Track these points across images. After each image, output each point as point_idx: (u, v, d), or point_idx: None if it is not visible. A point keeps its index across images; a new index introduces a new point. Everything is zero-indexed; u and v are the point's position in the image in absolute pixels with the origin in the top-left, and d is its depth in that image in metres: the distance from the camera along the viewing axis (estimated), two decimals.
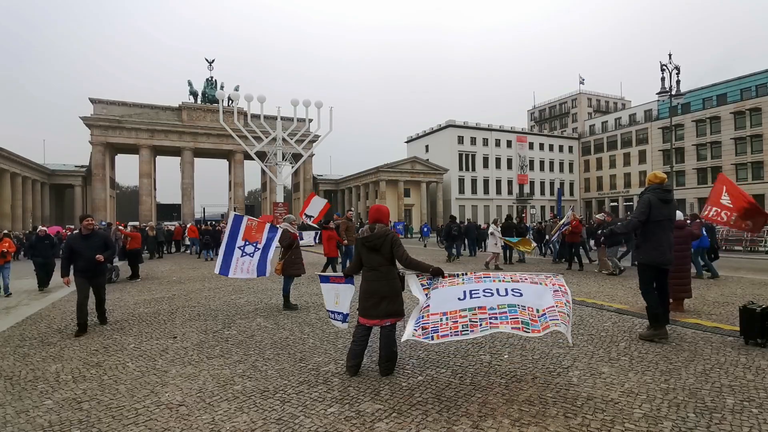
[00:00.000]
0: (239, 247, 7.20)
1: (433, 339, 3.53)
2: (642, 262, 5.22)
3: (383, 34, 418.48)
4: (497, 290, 3.68)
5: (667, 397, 3.35)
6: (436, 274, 4.04)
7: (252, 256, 7.21)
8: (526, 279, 3.78)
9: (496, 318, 3.47)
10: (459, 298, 3.69)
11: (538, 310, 3.46)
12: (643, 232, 5.14)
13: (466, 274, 4.06)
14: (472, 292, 3.72)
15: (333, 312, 4.71)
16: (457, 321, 3.53)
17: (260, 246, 7.29)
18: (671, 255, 5.11)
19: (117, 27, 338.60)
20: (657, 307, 5.02)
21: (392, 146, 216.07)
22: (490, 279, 3.87)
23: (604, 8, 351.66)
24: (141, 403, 3.49)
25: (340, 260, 12.32)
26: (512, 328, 3.40)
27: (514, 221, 16.23)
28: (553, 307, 3.48)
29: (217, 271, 7.25)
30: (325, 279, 4.81)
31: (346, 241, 11.96)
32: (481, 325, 3.45)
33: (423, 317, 3.71)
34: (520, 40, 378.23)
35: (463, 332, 3.45)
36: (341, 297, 4.60)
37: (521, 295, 3.59)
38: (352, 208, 13.90)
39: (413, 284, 4.12)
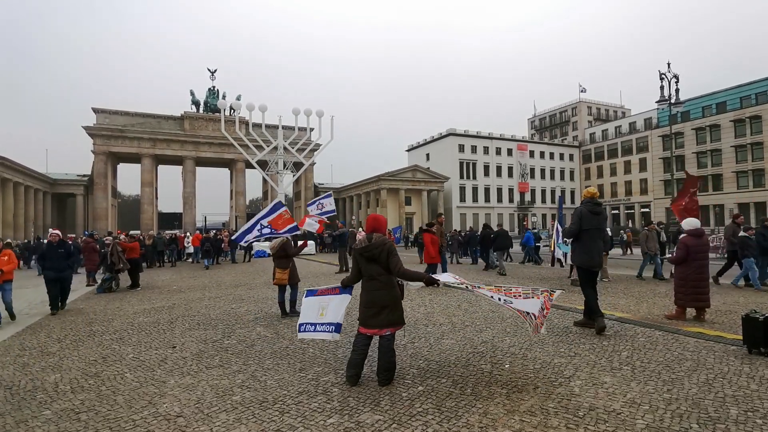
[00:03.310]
0: (261, 226, 8.00)
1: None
2: (576, 264, 6.20)
3: (382, 33, 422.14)
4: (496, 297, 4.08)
5: (670, 407, 3.31)
6: (429, 283, 4.15)
7: (261, 239, 8.05)
8: (519, 296, 3.99)
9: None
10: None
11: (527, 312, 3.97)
12: (576, 240, 6.06)
13: (468, 287, 4.19)
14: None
15: (310, 324, 4.53)
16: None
17: (277, 233, 7.99)
18: (599, 259, 6.03)
19: (120, 35, 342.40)
20: (593, 302, 5.78)
21: (393, 154, 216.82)
22: (488, 294, 4.11)
23: (603, 14, 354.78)
24: (139, 414, 3.47)
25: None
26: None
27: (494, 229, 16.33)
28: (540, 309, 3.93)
29: (233, 237, 8.15)
30: (311, 292, 4.70)
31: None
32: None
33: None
34: (518, 45, 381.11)
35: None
36: (330, 308, 4.49)
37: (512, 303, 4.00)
38: (442, 215, 13.37)
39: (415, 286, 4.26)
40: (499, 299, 3.99)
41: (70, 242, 10.55)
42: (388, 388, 3.86)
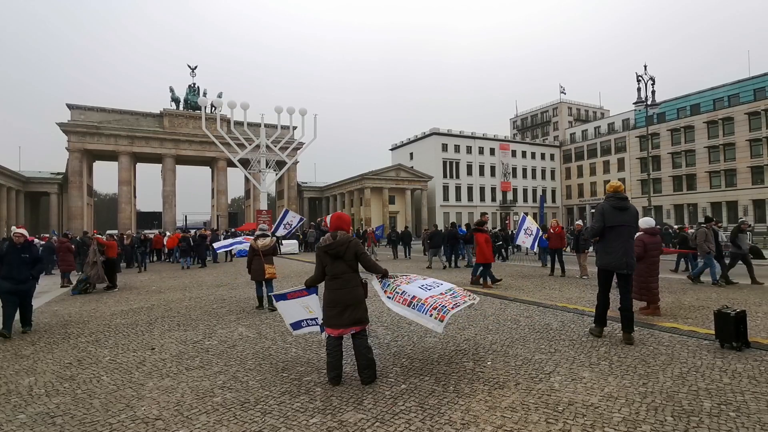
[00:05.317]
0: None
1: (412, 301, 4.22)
2: (597, 265, 5.54)
3: (368, 34, 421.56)
4: (433, 283, 4.59)
5: (646, 400, 3.40)
6: (385, 275, 4.44)
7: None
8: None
9: (453, 301, 4.33)
10: (420, 287, 4.43)
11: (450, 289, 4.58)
12: (600, 238, 5.46)
13: (403, 275, 4.69)
14: (425, 285, 4.50)
15: (305, 320, 4.81)
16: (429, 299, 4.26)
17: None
18: (627, 260, 5.24)
19: (96, 32, 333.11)
20: (600, 309, 5.46)
21: (376, 153, 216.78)
22: (420, 277, 4.71)
23: (583, 18, 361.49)
24: (115, 418, 3.38)
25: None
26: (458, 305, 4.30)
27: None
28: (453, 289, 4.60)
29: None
30: (281, 297, 4.85)
31: None
32: (445, 306, 4.20)
33: (399, 287, 4.39)
34: (502, 44, 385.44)
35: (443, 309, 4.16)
36: (312, 306, 4.70)
37: (442, 283, 4.65)
38: (486, 214, 13.58)
39: (376, 285, 4.43)
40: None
41: (43, 242, 9.78)
42: (371, 387, 3.86)
